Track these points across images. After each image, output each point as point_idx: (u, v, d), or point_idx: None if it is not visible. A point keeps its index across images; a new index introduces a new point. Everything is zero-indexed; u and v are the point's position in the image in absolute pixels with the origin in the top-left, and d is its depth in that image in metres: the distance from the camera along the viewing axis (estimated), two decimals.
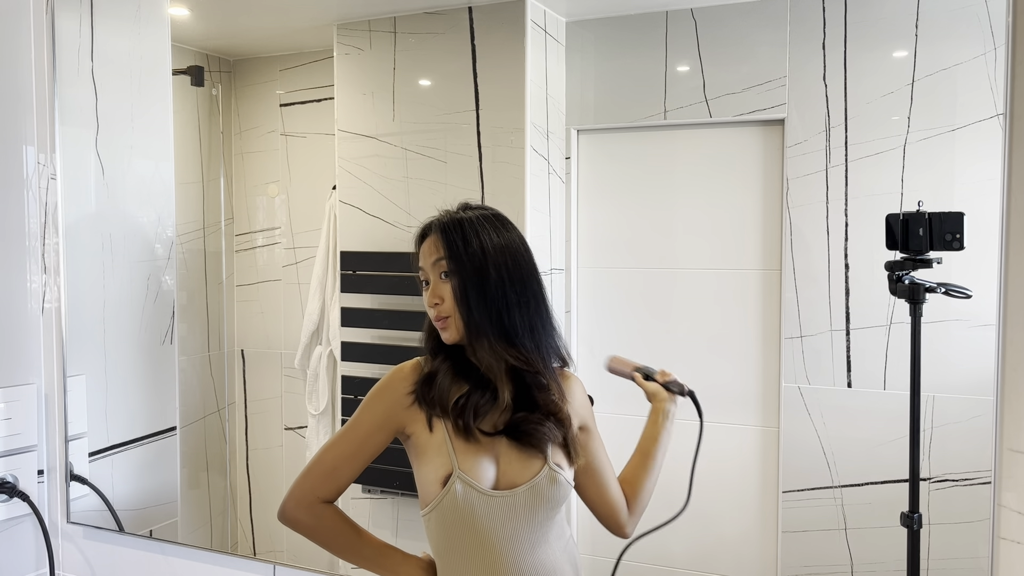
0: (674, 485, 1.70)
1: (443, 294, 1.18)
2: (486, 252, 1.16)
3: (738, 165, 1.73)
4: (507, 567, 1.14)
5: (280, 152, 2.24)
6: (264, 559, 1.88)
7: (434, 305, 1.19)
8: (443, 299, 1.18)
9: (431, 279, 1.20)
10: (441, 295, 1.18)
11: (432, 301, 1.19)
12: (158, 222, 2.08)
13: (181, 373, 2.16)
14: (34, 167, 1.93)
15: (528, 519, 1.15)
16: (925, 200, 1.40)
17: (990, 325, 1.01)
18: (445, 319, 1.18)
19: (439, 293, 1.18)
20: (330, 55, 1.98)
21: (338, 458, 1.21)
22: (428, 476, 1.17)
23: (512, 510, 1.14)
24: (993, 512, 0.96)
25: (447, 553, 1.17)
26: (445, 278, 1.18)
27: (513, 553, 1.14)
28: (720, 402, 1.76)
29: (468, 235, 1.17)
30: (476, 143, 1.81)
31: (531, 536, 1.15)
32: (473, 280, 1.16)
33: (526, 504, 1.15)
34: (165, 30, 1.98)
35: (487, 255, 1.16)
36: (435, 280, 1.19)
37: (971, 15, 1.52)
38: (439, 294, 1.18)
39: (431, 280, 1.20)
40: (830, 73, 1.63)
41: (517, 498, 1.14)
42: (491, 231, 1.18)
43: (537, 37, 1.76)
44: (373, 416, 1.21)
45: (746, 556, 1.74)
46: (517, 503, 1.14)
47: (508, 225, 1.21)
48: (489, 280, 1.16)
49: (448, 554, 1.17)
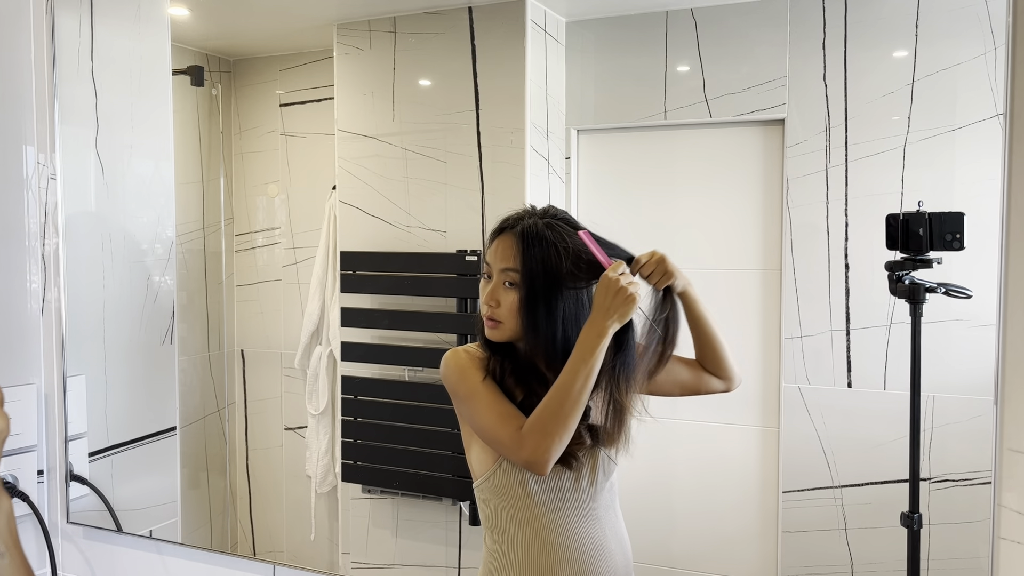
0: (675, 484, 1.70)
1: (501, 299, 1.17)
2: (559, 273, 1.14)
3: (738, 165, 1.73)
4: (554, 535, 1.18)
5: (280, 152, 2.24)
6: (264, 559, 1.88)
7: (489, 305, 1.18)
8: (499, 303, 1.17)
9: (494, 278, 1.18)
10: (498, 299, 1.17)
11: (488, 301, 1.18)
12: (158, 222, 2.08)
13: (181, 373, 2.16)
14: (34, 167, 1.93)
15: (574, 491, 1.20)
16: (925, 200, 1.40)
17: (990, 325, 1.01)
18: (496, 322, 1.18)
19: (497, 296, 1.17)
20: (330, 55, 1.98)
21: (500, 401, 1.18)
22: (483, 450, 1.21)
23: (558, 482, 1.19)
24: (993, 512, 0.96)
25: (499, 521, 1.22)
26: (509, 287, 1.17)
27: (559, 523, 1.19)
28: (720, 402, 1.76)
29: (548, 253, 1.14)
30: (476, 143, 1.81)
31: (577, 508, 1.20)
32: (543, 299, 1.14)
33: (572, 477, 1.20)
34: (165, 30, 1.98)
35: (560, 276, 1.14)
36: (497, 283, 1.18)
37: (971, 15, 1.52)
38: (496, 297, 1.17)
39: (494, 279, 1.18)
40: (830, 73, 1.63)
41: (564, 471, 1.19)
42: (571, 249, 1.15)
43: (537, 37, 1.76)
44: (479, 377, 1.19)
45: (746, 556, 1.74)
46: (563, 476, 1.19)
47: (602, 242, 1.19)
48: (558, 299, 1.15)
49: (501, 522, 1.21)
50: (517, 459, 1.14)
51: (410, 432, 1.88)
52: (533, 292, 1.14)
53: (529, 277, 1.14)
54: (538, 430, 1.11)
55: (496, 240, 1.19)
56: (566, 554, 1.19)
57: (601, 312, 1.11)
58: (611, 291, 1.11)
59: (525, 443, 1.12)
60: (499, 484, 1.20)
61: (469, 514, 1.83)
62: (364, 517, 1.98)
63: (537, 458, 1.11)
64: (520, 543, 1.20)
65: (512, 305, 1.16)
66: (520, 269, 1.15)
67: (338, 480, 2.05)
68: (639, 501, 1.81)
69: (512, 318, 1.17)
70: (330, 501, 2.15)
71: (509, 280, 1.16)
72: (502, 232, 1.19)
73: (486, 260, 1.20)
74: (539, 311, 1.14)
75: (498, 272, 1.17)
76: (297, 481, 2.24)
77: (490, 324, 1.19)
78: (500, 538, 1.22)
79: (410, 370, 1.91)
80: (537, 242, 1.15)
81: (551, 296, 1.14)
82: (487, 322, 1.19)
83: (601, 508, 1.23)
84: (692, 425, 1.78)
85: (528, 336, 1.16)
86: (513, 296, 1.16)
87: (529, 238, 1.15)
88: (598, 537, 1.22)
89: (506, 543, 1.21)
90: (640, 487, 1.82)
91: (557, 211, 1.21)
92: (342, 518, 2.03)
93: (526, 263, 1.14)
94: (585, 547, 1.20)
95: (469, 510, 1.83)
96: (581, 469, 1.21)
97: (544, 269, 1.14)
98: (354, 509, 2.00)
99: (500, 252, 1.17)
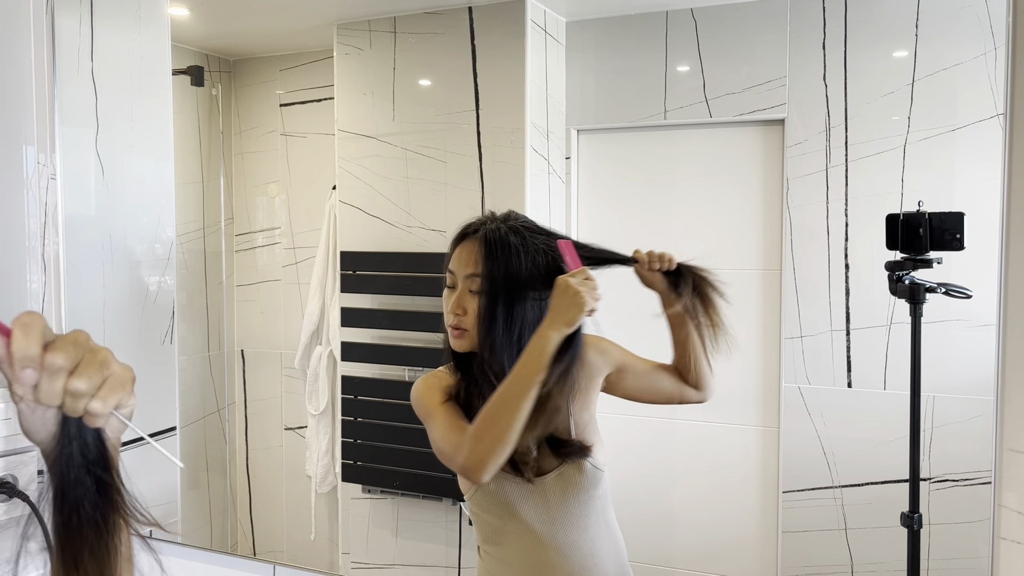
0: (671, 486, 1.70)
1: (467, 306, 1.15)
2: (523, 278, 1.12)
3: (738, 165, 1.73)
4: (544, 548, 1.17)
5: (280, 152, 2.24)
6: (264, 559, 1.87)
7: (455, 314, 1.15)
8: (466, 311, 1.15)
9: (459, 286, 1.16)
10: (464, 307, 1.15)
11: (455, 310, 1.15)
12: (158, 222, 2.07)
13: (181, 373, 2.16)
14: (34, 167, 1.93)
15: (562, 503, 1.19)
16: (925, 200, 1.40)
17: (990, 325, 1.01)
18: (462, 330, 1.15)
19: (463, 304, 1.15)
20: (330, 55, 1.98)
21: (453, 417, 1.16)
22: None
23: (544, 495, 1.18)
24: (993, 512, 0.96)
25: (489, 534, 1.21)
26: (474, 293, 1.14)
27: (550, 535, 1.18)
28: (720, 402, 1.76)
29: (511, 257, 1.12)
30: (476, 143, 1.81)
31: (566, 519, 1.19)
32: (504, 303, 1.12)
33: (558, 489, 1.18)
34: (165, 30, 1.98)
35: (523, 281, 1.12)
36: (463, 290, 1.15)
37: (971, 15, 1.52)
38: (463, 305, 1.15)
39: (458, 287, 1.16)
40: (830, 73, 1.63)
41: (548, 484, 1.18)
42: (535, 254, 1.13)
43: (537, 37, 1.76)
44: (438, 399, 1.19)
45: (746, 556, 1.74)
46: (548, 488, 1.18)
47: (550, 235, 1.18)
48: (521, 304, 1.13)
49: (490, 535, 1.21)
50: (454, 467, 1.11)
51: (410, 432, 1.88)
52: (494, 296, 1.12)
53: (491, 281, 1.12)
54: (472, 435, 1.08)
55: (459, 247, 1.17)
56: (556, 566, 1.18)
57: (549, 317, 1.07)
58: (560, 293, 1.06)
59: (461, 449, 1.09)
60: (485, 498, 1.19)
61: (469, 514, 1.83)
62: (364, 517, 1.98)
63: (470, 464, 1.07)
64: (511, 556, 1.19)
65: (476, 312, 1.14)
66: (483, 273, 1.13)
67: (338, 480, 2.05)
68: (639, 501, 1.81)
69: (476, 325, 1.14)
70: (330, 501, 2.15)
71: (475, 287, 1.14)
72: (464, 238, 1.17)
73: (449, 269, 1.18)
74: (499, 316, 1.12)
75: (463, 279, 1.15)
76: (297, 481, 2.24)
77: (456, 333, 1.16)
78: (492, 550, 1.21)
79: (410, 370, 1.91)
80: (500, 246, 1.12)
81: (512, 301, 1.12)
82: (452, 332, 1.16)
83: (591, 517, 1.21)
84: (692, 425, 1.78)
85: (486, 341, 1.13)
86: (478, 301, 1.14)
87: (492, 242, 1.13)
88: (587, 546, 1.20)
89: (498, 556, 1.21)
90: (640, 487, 1.82)
91: (518, 216, 1.19)
92: (342, 518, 2.03)
93: (489, 267, 1.12)
94: (573, 557, 1.18)
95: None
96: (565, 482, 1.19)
97: (507, 273, 1.12)
98: (354, 509, 2.00)
99: (464, 258, 1.15)
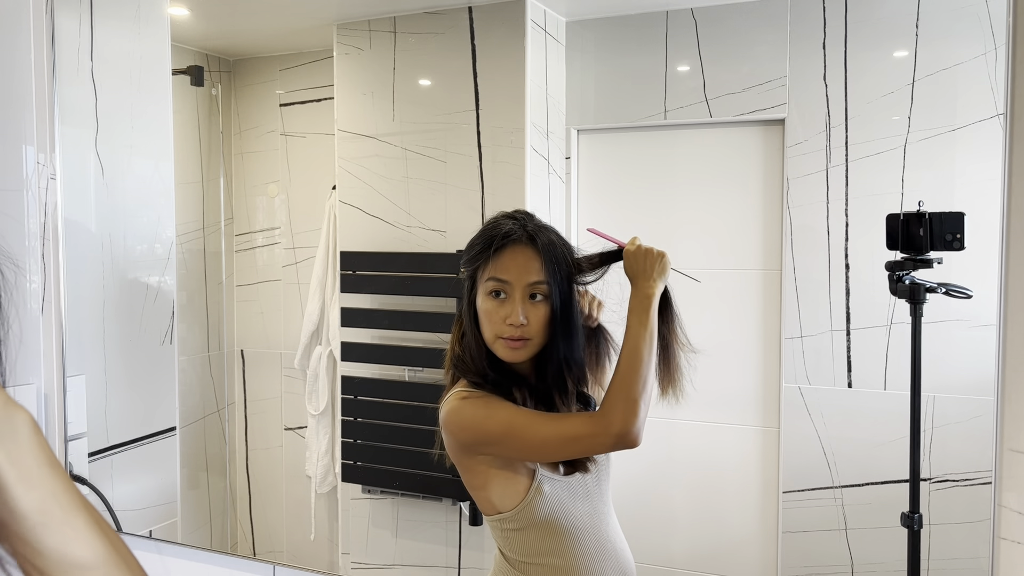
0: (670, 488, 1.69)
1: (530, 316, 1.11)
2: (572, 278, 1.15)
3: (738, 165, 1.73)
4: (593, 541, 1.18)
5: (280, 152, 2.24)
6: (264, 559, 1.87)
7: (518, 326, 1.11)
8: (529, 320, 1.11)
9: (515, 296, 1.12)
10: (528, 316, 1.11)
11: (515, 321, 1.11)
12: (158, 222, 2.07)
13: (181, 373, 2.16)
14: (34, 167, 1.93)
15: (598, 491, 1.21)
16: (925, 200, 1.40)
17: (990, 325, 1.00)
18: (524, 340, 1.12)
19: (526, 314, 1.11)
20: (330, 55, 1.98)
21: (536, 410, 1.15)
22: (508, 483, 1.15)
23: (585, 487, 1.19)
24: (993, 512, 0.96)
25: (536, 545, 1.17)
26: (535, 299, 1.12)
27: (595, 527, 1.19)
28: (720, 402, 1.76)
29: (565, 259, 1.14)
30: (476, 143, 1.81)
31: (604, 508, 1.21)
32: (568, 308, 1.13)
33: (594, 478, 1.20)
34: (165, 30, 1.98)
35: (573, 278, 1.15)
36: (521, 298, 1.11)
37: (971, 15, 1.52)
38: (526, 315, 1.11)
39: (515, 297, 1.12)
40: (830, 73, 1.63)
41: (588, 475, 1.20)
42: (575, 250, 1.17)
43: (537, 37, 1.76)
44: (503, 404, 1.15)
45: (746, 556, 1.74)
46: (588, 479, 1.20)
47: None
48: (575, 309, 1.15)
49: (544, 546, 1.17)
50: (606, 439, 1.09)
51: (410, 432, 1.88)
52: (566, 301, 1.13)
53: (559, 287, 1.12)
54: (622, 400, 1.08)
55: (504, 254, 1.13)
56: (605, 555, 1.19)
57: (642, 278, 1.14)
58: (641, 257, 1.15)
59: (612, 419, 1.08)
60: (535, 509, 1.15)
61: (469, 514, 1.83)
62: (364, 517, 1.98)
63: (629, 428, 1.07)
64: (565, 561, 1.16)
65: (544, 319, 1.12)
66: (548, 279, 1.11)
67: (338, 480, 2.05)
68: (639, 501, 1.81)
69: (542, 333, 1.12)
70: (330, 501, 2.15)
71: (537, 292, 1.12)
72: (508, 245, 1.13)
73: (497, 278, 1.13)
74: (572, 319, 1.14)
75: (522, 288, 1.12)
76: (297, 481, 2.24)
77: (516, 344, 1.12)
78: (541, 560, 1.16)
79: (410, 370, 1.91)
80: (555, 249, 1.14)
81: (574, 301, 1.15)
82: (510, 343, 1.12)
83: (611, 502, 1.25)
84: (692, 425, 1.77)
85: (567, 346, 1.14)
86: (543, 309, 1.12)
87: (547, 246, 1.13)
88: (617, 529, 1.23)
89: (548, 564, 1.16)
90: (640, 487, 1.82)
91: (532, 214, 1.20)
92: (342, 518, 2.03)
93: (553, 273, 1.12)
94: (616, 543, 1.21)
95: (469, 510, 1.83)
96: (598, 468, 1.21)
97: (568, 275, 1.14)
98: (354, 509, 2.00)
99: (521, 265, 1.12)
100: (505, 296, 1.12)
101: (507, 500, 1.15)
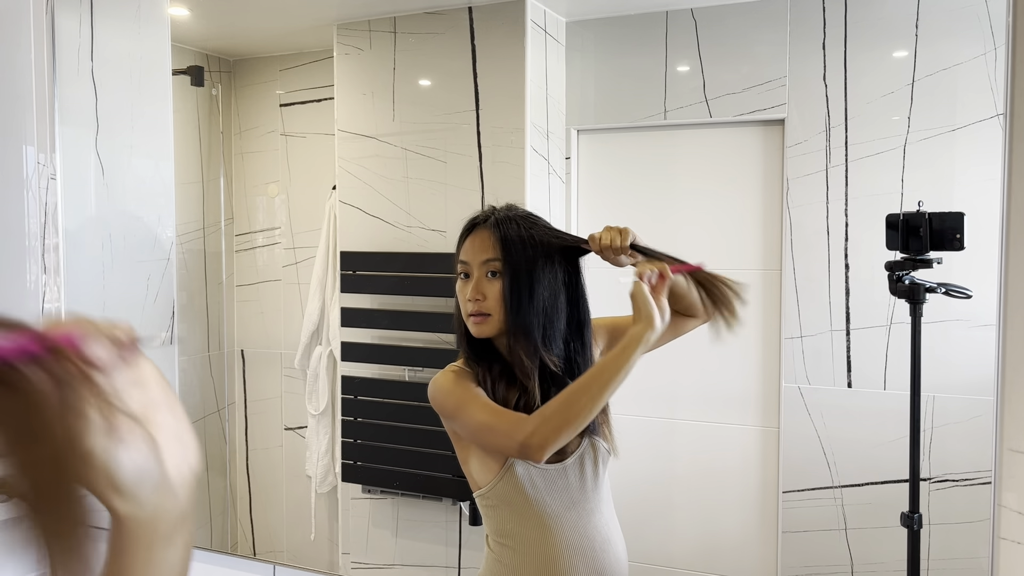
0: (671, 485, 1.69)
1: (486, 291, 1.19)
2: (538, 256, 1.18)
3: (738, 165, 1.73)
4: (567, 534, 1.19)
5: (280, 152, 2.24)
6: (264, 559, 1.88)
7: (475, 300, 1.19)
8: (486, 296, 1.19)
9: (474, 275, 1.20)
10: (484, 292, 1.19)
11: (473, 296, 1.19)
12: (158, 222, 2.07)
13: (181, 373, 2.16)
14: (34, 167, 1.93)
15: (580, 487, 1.21)
16: (925, 200, 1.40)
17: (990, 325, 1.00)
18: (484, 315, 1.19)
19: (482, 290, 1.19)
20: (330, 55, 1.98)
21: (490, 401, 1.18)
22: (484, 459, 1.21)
23: (565, 480, 1.21)
24: (993, 512, 0.96)
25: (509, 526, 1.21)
26: (493, 277, 1.19)
27: (571, 521, 1.20)
28: (720, 402, 1.76)
29: (524, 237, 1.18)
30: (476, 143, 1.81)
31: (586, 504, 1.22)
32: (525, 283, 1.17)
33: (576, 473, 1.21)
34: (165, 30, 1.98)
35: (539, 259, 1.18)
36: (479, 277, 1.20)
37: (971, 15, 1.52)
38: (482, 291, 1.19)
39: (474, 276, 1.20)
40: (830, 73, 1.63)
41: (568, 468, 1.20)
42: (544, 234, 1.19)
43: (537, 37, 1.76)
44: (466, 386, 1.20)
45: (746, 556, 1.74)
46: (569, 473, 1.21)
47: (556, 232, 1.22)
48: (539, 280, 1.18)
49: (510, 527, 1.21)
50: (513, 442, 1.12)
51: (410, 432, 1.88)
52: (516, 274, 1.17)
53: (510, 261, 1.18)
54: (547, 417, 1.11)
55: (469, 238, 1.22)
56: (580, 551, 1.20)
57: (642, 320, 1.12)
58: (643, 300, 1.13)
59: (526, 429, 1.10)
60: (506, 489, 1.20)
61: (469, 514, 1.83)
62: (364, 517, 1.98)
63: (535, 441, 1.09)
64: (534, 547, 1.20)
65: (498, 294, 1.19)
66: (501, 256, 1.18)
67: (338, 480, 2.05)
68: (639, 501, 1.81)
69: (499, 308, 1.19)
70: (330, 501, 2.15)
71: (492, 270, 1.19)
72: (474, 229, 1.22)
73: (461, 260, 1.22)
74: (523, 292, 1.17)
75: (479, 266, 1.20)
76: (297, 481, 2.24)
77: (478, 320, 1.19)
78: (511, 543, 1.22)
79: (410, 370, 1.91)
80: (512, 228, 1.19)
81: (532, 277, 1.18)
82: (474, 319, 1.20)
83: (603, 501, 1.25)
84: (692, 425, 1.78)
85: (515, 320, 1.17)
86: (498, 285, 1.19)
87: (504, 226, 1.19)
88: (603, 529, 1.23)
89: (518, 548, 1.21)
90: (640, 487, 1.82)
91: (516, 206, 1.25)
92: (342, 518, 2.03)
93: (505, 249, 1.18)
94: (596, 541, 1.22)
95: (469, 510, 1.83)
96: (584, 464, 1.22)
97: (523, 251, 1.18)
98: (354, 509, 2.00)
99: (477, 246, 1.21)
100: (468, 276, 1.21)
101: (483, 475, 1.21)
